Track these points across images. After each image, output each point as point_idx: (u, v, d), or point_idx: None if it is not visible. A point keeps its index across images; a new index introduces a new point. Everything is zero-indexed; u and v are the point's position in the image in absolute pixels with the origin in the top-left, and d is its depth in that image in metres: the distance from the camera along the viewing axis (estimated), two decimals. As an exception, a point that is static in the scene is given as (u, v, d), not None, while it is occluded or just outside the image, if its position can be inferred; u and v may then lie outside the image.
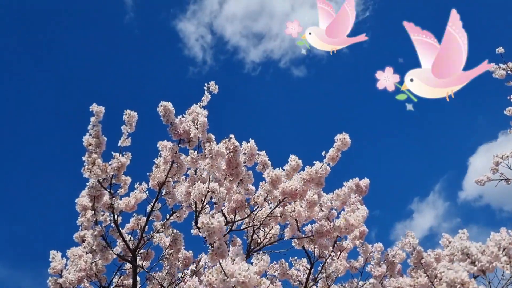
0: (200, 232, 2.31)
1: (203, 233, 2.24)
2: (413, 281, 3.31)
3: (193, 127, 3.28)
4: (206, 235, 2.25)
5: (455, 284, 2.59)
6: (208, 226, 2.22)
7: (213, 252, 2.26)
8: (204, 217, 2.23)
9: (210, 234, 2.24)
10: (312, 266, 4.11)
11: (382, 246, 4.41)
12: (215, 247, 2.26)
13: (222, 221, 2.26)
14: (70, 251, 4.24)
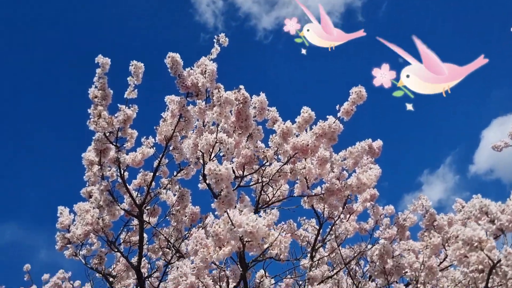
0: (207, 179, 2.21)
1: (210, 180, 2.14)
2: (426, 241, 3.22)
3: (202, 77, 3.13)
4: (213, 182, 2.15)
5: (472, 242, 2.48)
6: (215, 173, 2.12)
7: (220, 200, 2.16)
8: (211, 163, 2.13)
9: (217, 181, 2.14)
10: (321, 226, 4.04)
11: (393, 209, 4.32)
12: (222, 195, 2.16)
13: (230, 169, 2.15)
14: (77, 205, 4.21)
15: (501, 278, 2.53)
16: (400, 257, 3.50)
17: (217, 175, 2.12)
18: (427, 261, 3.23)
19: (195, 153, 3.10)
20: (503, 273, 2.52)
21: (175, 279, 2.73)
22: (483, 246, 2.48)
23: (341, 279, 4.67)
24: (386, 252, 3.52)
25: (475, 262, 2.63)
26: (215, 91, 2.81)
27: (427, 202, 3.86)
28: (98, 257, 4.18)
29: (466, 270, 2.70)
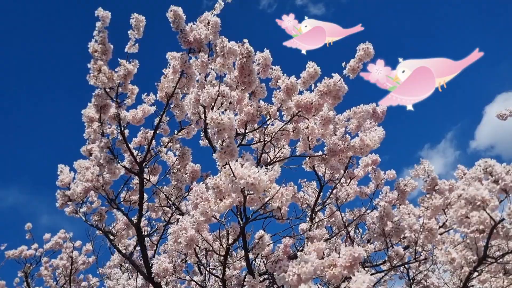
0: (209, 128, 2.16)
1: (212, 129, 2.09)
2: (427, 203, 3.20)
3: (205, 29, 3.04)
4: (215, 131, 2.10)
5: (475, 201, 2.46)
6: (217, 122, 2.07)
7: (222, 150, 2.12)
8: (213, 113, 2.07)
9: (219, 131, 2.09)
10: (322, 189, 4.02)
11: (394, 174, 4.29)
12: (224, 145, 2.12)
13: (233, 118, 2.10)
14: (77, 163, 4.19)
15: (502, 238, 2.52)
16: (400, 221, 3.50)
17: (219, 124, 2.07)
18: (427, 223, 3.22)
19: (197, 108, 3.03)
20: (504, 233, 2.51)
21: (175, 232, 2.72)
22: (486, 205, 2.46)
23: (338, 245, 4.70)
24: (386, 214, 3.52)
25: (476, 222, 2.61)
26: (218, 41, 2.72)
27: (429, 166, 3.83)
28: (98, 214, 4.19)
29: (466, 230, 2.69)
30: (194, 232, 2.64)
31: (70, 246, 6.71)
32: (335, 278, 2.51)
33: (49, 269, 7.19)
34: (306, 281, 2.14)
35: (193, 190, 2.61)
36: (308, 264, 2.20)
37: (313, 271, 2.21)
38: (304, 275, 2.18)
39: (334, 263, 2.53)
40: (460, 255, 2.77)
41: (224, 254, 2.76)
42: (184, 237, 2.60)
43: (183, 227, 2.69)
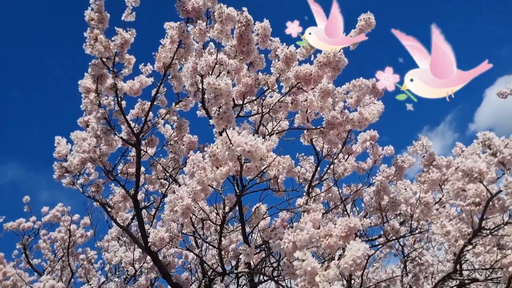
0: (206, 93, 2.13)
1: (208, 95, 2.06)
2: (424, 176, 3.20)
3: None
4: (212, 97, 2.07)
5: (472, 173, 2.45)
6: (214, 87, 2.04)
7: (218, 116, 2.10)
8: (210, 77, 2.04)
9: (216, 96, 2.06)
10: (319, 163, 4.02)
11: (392, 149, 4.29)
12: (221, 111, 2.10)
13: (230, 84, 2.07)
14: (74, 133, 4.16)
15: (497, 210, 2.52)
16: (396, 195, 3.51)
17: (216, 90, 2.04)
18: (423, 197, 3.23)
19: (194, 77, 3.00)
20: (500, 206, 2.51)
21: (171, 201, 2.72)
22: (483, 178, 2.46)
23: (334, 221, 4.72)
24: (383, 188, 3.53)
25: (473, 195, 2.62)
26: (217, 7, 2.67)
27: (427, 142, 3.82)
28: (95, 185, 4.19)
29: (462, 203, 2.70)
30: (191, 201, 2.64)
31: (68, 219, 6.75)
32: (331, 248, 2.52)
33: (47, 242, 7.25)
34: (301, 248, 2.14)
35: (189, 159, 2.60)
36: (304, 232, 2.20)
37: (309, 239, 2.22)
38: (300, 242, 2.19)
39: (329, 233, 2.54)
40: (455, 228, 2.78)
41: (220, 223, 2.77)
42: (180, 206, 2.60)
43: (180, 196, 2.68)
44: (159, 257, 4.01)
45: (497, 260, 2.90)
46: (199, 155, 2.60)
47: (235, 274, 4.35)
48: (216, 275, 3.28)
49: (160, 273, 3.96)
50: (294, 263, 2.07)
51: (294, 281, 2.56)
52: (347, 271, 2.12)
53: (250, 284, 3.53)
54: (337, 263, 2.13)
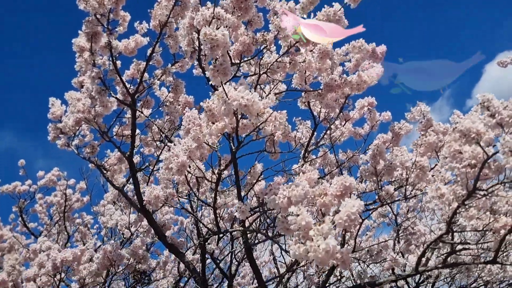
0: (202, 45, 2.08)
1: (205, 46, 2.01)
2: (420, 140, 3.19)
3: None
4: (208, 48, 2.02)
5: (470, 134, 2.44)
6: (211, 38, 1.99)
7: (214, 68, 2.05)
8: (207, 28, 1.99)
9: (212, 47, 2.01)
10: (316, 128, 4.00)
11: (390, 115, 4.26)
12: (217, 63, 2.05)
13: (227, 35, 2.01)
14: (68, 94, 4.10)
15: (493, 172, 2.53)
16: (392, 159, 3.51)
17: (212, 40, 1.98)
18: (419, 160, 3.23)
19: (191, 34, 2.93)
20: (496, 167, 2.51)
21: (166, 159, 2.70)
22: (480, 138, 2.45)
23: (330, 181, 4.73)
24: (379, 152, 3.51)
25: (469, 157, 2.61)
26: (214, -44, 2.57)
27: (426, 107, 3.80)
28: (90, 146, 4.16)
29: (458, 165, 2.69)
30: (186, 159, 2.62)
31: (63, 184, 6.75)
32: (325, 207, 2.53)
33: (43, 206, 7.29)
34: (296, 203, 2.15)
35: (185, 115, 2.56)
36: (299, 188, 2.20)
37: (304, 195, 2.22)
38: (295, 198, 2.18)
39: (324, 192, 2.54)
40: (450, 190, 2.79)
41: (215, 181, 2.77)
42: (176, 163, 2.58)
43: (175, 153, 2.66)
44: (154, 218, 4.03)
45: (489, 223, 2.93)
46: (195, 111, 2.56)
47: (230, 235, 4.41)
48: (211, 235, 3.31)
49: (156, 234, 4.00)
50: (289, 218, 2.07)
51: (288, 238, 2.58)
52: (341, 226, 2.13)
53: (245, 246, 3.56)
54: (332, 218, 2.14)
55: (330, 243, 1.91)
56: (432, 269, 3.25)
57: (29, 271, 4.28)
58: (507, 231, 2.79)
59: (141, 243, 4.67)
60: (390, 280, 3.29)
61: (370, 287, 3.29)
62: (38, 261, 4.18)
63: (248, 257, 3.69)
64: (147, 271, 7.82)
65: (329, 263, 2.03)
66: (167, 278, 8.60)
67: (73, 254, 4.05)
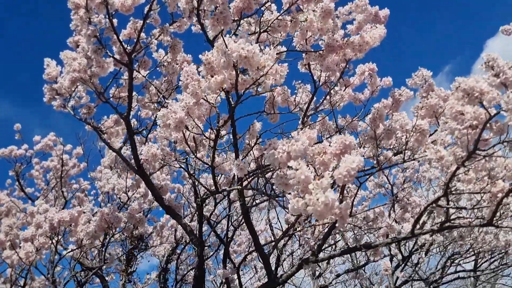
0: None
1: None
2: (422, 102, 3.16)
3: None
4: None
5: (473, 93, 2.41)
6: (211, -16, 1.91)
7: (214, 16, 1.99)
8: (207, -27, 1.91)
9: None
10: (316, 91, 3.95)
11: (390, 80, 4.20)
12: (217, 11, 1.99)
13: (228, -18, 1.94)
14: (63, 53, 4.01)
15: (494, 133, 2.50)
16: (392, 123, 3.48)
17: (212, -13, 1.91)
18: (419, 124, 3.20)
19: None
20: (497, 128, 2.49)
21: (164, 116, 2.66)
22: (483, 98, 2.41)
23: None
24: (379, 116, 3.49)
25: (471, 118, 2.58)
26: None
27: (427, 72, 3.75)
28: (86, 107, 4.10)
29: (459, 127, 2.67)
30: (184, 115, 2.57)
31: (60, 149, 6.72)
32: (324, 166, 2.51)
33: (40, 171, 7.27)
34: (295, 158, 2.12)
35: (183, 70, 2.50)
36: (299, 143, 2.17)
37: (303, 150, 2.20)
38: (294, 152, 2.16)
39: (324, 150, 2.52)
40: (450, 152, 2.77)
41: (214, 139, 2.73)
42: (173, 119, 2.54)
43: (173, 110, 2.62)
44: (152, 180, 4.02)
45: (486, 185, 2.93)
46: (193, 67, 2.50)
47: (228, 199, 4.42)
48: (209, 195, 3.30)
49: (153, 196, 3.99)
50: (288, 173, 2.05)
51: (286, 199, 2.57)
52: (340, 181, 2.11)
53: (242, 208, 3.56)
54: (331, 173, 2.12)
55: (329, 196, 1.89)
56: (427, 232, 3.27)
57: (27, 232, 4.30)
58: (504, 194, 2.78)
59: (138, 207, 4.68)
60: (385, 242, 3.32)
61: (366, 249, 3.31)
62: (36, 221, 4.19)
63: (245, 219, 3.71)
64: (144, 237, 7.90)
65: (328, 217, 2.03)
66: (163, 245, 8.72)
67: (70, 214, 4.06)
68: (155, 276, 8.97)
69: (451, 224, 3.22)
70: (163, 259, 8.78)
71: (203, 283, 4.12)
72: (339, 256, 4.87)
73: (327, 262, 8.45)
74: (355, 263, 8.59)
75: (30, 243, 4.30)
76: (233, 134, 2.69)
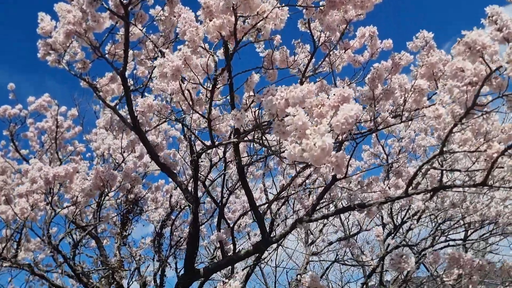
0: None
1: None
2: (422, 60, 3.12)
3: None
4: None
5: (475, 46, 2.37)
6: None
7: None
8: None
9: None
10: (315, 51, 3.90)
11: (391, 43, 4.15)
12: None
13: None
14: (58, 5, 3.90)
15: (494, 88, 2.49)
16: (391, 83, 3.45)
17: None
18: (418, 83, 3.18)
19: None
20: (497, 84, 2.47)
21: (161, 65, 2.61)
22: (485, 52, 2.38)
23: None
24: (378, 76, 3.46)
25: (471, 75, 2.56)
26: None
27: (429, 34, 3.70)
28: (82, 62, 4.03)
29: (459, 84, 2.65)
30: (181, 63, 2.53)
31: (55, 110, 6.65)
32: (322, 117, 2.49)
33: (34, 133, 7.22)
34: (293, 105, 2.10)
35: (181, 17, 2.45)
36: (297, 89, 2.15)
37: (302, 97, 2.18)
38: (292, 99, 2.14)
39: (322, 102, 2.49)
40: (448, 109, 2.77)
41: (211, 89, 2.70)
42: (170, 67, 2.50)
43: (170, 59, 2.58)
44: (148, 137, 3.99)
45: (482, 144, 2.94)
46: (191, 14, 2.44)
47: (224, 160, 4.42)
48: (205, 149, 3.30)
49: (148, 153, 3.98)
50: (286, 119, 2.03)
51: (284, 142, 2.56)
52: (338, 129, 2.10)
53: (237, 166, 3.56)
54: (329, 121, 2.11)
55: (326, 141, 1.88)
56: (421, 191, 3.30)
57: (21, 188, 4.29)
58: (500, 153, 2.79)
59: (133, 166, 4.68)
60: (379, 202, 3.35)
61: (360, 208, 3.34)
62: (30, 176, 4.18)
63: (240, 178, 3.72)
64: (139, 202, 7.94)
65: (324, 162, 2.02)
66: (158, 211, 8.77)
67: (65, 170, 4.05)
68: (149, 241, 9.09)
69: (444, 185, 3.25)
70: (157, 225, 8.87)
71: (197, 241, 4.16)
72: (333, 216, 4.94)
73: (320, 230, 8.59)
74: (347, 233, 8.71)
75: (25, 200, 4.30)
76: (230, 86, 2.66)
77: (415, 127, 6.63)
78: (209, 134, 2.98)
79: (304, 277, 3.70)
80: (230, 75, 2.59)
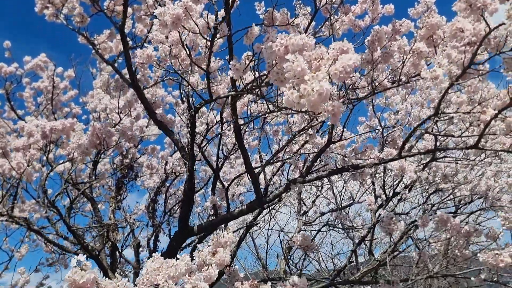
0: None
1: None
2: (423, 21, 3.12)
3: None
4: None
5: (476, 3, 2.37)
6: None
7: None
8: None
9: None
10: (316, 13, 3.87)
11: (392, 8, 4.11)
12: None
13: None
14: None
15: (492, 49, 2.51)
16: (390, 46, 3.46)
17: None
18: (417, 46, 3.19)
19: None
20: (495, 43, 2.49)
21: (161, 14, 2.60)
22: (485, 10, 2.39)
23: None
24: (378, 38, 3.46)
25: (470, 35, 2.58)
26: None
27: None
28: (80, 15, 3.99)
29: (457, 44, 2.67)
30: (181, 12, 2.52)
31: (51, 69, 6.58)
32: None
33: (30, 93, 7.18)
34: (293, 52, 2.11)
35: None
36: (297, 37, 2.16)
37: (301, 45, 2.19)
38: (292, 46, 2.15)
39: (321, 56, 2.50)
40: (445, 69, 2.79)
41: (210, 40, 2.70)
42: (171, 15, 2.49)
43: (170, 8, 2.56)
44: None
45: (475, 106, 2.98)
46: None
47: (220, 122, 4.44)
48: (203, 104, 3.31)
49: (146, 110, 3.99)
50: (284, 65, 2.05)
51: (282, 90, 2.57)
52: (336, 77, 2.12)
53: (234, 126, 3.58)
54: (328, 68, 2.13)
55: (324, 86, 1.91)
56: (415, 154, 3.35)
57: (18, 141, 4.30)
58: (493, 116, 2.83)
59: (130, 124, 4.69)
60: (373, 163, 3.40)
61: (353, 169, 3.39)
62: (27, 130, 4.19)
63: (236, 138, 3.75)
64: (134, 167, 7.98)
65: (321, 108, 2.05)
66: (153, 179, 8.83)
67: (62, 124, 4.06)
68: (144, 207, 9.19)
69: (438, 147, 3.30)
70: (152, 191, 8.94)
71: (192, 200, 4.22)
72: (327, 177, 5.01)
73: (313, 201, 8.72)
74: (339, 205, 8.84)
75: (21, 154, 4.32)
76: (229, 39, 2.65)
77: (411, 101, 6.65)
78: (208, 88, 2.99)
79: (295, 236, 3.79)
80: (230, 26, 2.59)
